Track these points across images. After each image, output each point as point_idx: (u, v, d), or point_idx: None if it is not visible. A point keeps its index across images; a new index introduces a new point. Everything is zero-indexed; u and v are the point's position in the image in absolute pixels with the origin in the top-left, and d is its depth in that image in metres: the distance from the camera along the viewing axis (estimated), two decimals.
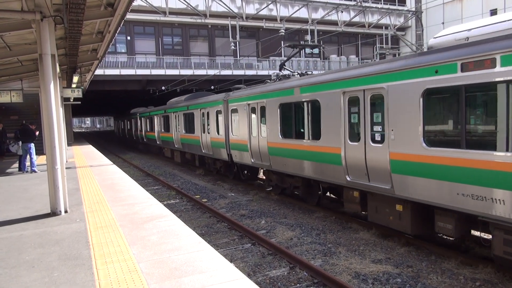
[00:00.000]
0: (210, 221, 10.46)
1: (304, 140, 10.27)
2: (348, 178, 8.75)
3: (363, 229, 9.04)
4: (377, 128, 7.91)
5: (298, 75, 11.87)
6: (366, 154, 8.12)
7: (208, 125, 17.00)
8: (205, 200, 13.02)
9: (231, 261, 7.29)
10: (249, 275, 6.69)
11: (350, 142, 8.65)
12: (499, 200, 5.70)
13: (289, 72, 13.07)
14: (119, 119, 49.10)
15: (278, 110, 11.28)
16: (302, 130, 10.55)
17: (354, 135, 8.60)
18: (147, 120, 29.88)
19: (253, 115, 12.86)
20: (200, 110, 17.89)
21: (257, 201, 12.59)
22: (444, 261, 7.06)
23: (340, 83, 8.84)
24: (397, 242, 8.09)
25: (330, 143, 9.24)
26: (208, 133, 16.95)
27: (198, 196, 13.60)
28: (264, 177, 14.99)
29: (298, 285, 6.35)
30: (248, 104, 13.03)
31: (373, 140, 8.00)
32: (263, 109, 12.18)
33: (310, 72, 12.59)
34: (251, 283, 4.01)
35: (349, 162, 8.65)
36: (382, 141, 7.76)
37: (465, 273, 6.52)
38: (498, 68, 5.63)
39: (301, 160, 10.43)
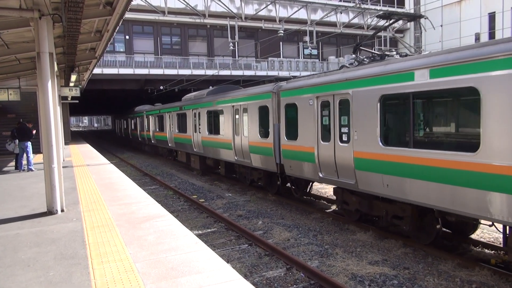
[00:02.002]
0: (207, 221, 10.45)
1: (428, 151, 6.85)
2: None
3: (360, 230, 9.05)
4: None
5: (399, 56, 8.80)
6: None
7: (244, 125, 13.56)
8: (202, 200, 13.00)
9: (227, 262, 7.28)
10: (245, 276, 6.68)
11: None
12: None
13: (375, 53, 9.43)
14: (120, 118, 44.73)
15: (378, 105, 7.88)
16: (421, 136, 7.28)
17: None
18: (156, 119, 26.18)
19: (326, 113, 9.62)
20: (233, 106, 14.24)
21: (254, 201, 12.58)
22: (441, 263, 7.07)
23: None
24: (394, 244, 8.10)
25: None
26: (245, 135, 13.46)
27: (195, 196, 13.58)
28: (320, 195, 12.78)
29: (294, 286, 6.34)
30: (317, 97, 9.70)
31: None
32: (345, 103, 8.87)
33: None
34: (247, 284, 4.00)
35: None
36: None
37: (462, 275, 6.53)
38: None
39: (424, 181, 6.94)
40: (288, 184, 12.52)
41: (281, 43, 34.52)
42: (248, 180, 14.46)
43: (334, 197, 10.41)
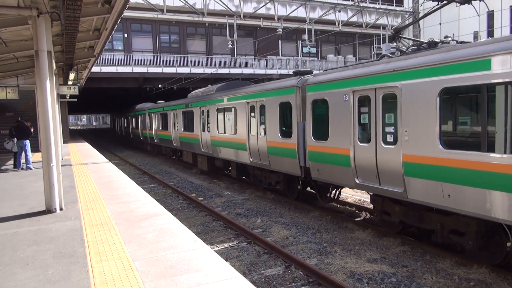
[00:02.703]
0: (206, 219, 10.46)
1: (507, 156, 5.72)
2: None
3: (359, 228, 9.07)
4: None
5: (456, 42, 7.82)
6: None
7: (262, 123, 12.27)
8: (201, 198, 13.00)
9: (226, 260, 7.29)
10: (244, 274, 6.69)
11: None
12: None
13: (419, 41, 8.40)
14: (120, 116, 42.84)
15: (437, 100, 6.63)
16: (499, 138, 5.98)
17: None
18: (159, 117, 24.97)
19: (365, 109, 8.31)
20: (248, 103, 12.96)
21: (253, 200, 12.60)
22: (439, 261, 7.09)
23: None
24: (392, 242, 8.12)
25: None
26: (262, 135, 12.22)
27: (194, 195, 13.58)
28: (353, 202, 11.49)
29: (293, 284, 6.36)
30: (354, 92, 8.43)
31: None
32: (390, 98, 7.65)
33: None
34: (246, 282, 4.01)
35: None
36: None
37: (460, 273, 6.55)
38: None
39: (504, 193, 5.76)
40: (309, 189, 11.83)
41: (279, 41, 34.50)
42: (265, 184, 13.14)
43: (360, 204, 9.81)
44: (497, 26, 30.77)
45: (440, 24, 33.39)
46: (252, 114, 12.87)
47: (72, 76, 16.25)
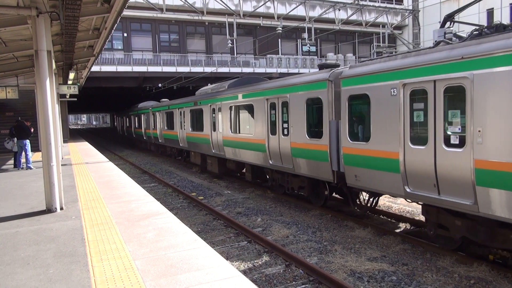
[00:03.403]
0: (206, 218, 10.46)
1: None
2: None
3: (359, 227, 9.07)
4: None
5: None
6: None
7: (284, 122, 11.08)
8: (201, 197, 13.01)
9: (227, 259, 7.30)
10: (245, 273, 6.70)
11: None
12: None
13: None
14: (122, 115, 41.10)
15: None
16: None
17: None
18: (165, 116, 23.72)
19: (419, 105, 7.12)
20: (267, 99, 11.76)
21: (253, 198, 12.60)
22: (439, 259, 7.10)
23: None
24: (392, 240, 8.13)
25: None
26: (285, 135, 11.00)
27: (194, 194, 13.59)
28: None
29: (293, 282, 6.36)
30: (405, 85, 7.23)
31: None
32: (456, 91, 6.44)
33: None
34: (247, 281, 4.01)
35: None
36: None
37: (460, 271, 6.56)
38: None
39: None
40: (334, 194, 10.87)
41: (279, 40, 34.51)
42: (288, 189, 11.84)
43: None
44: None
45: (440, 22, 33.36)
46: (273, 112, 11.65)
47: (71, 75, 16.25)
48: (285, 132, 10.98)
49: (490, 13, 31.27)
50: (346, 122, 8.71)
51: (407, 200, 7.79)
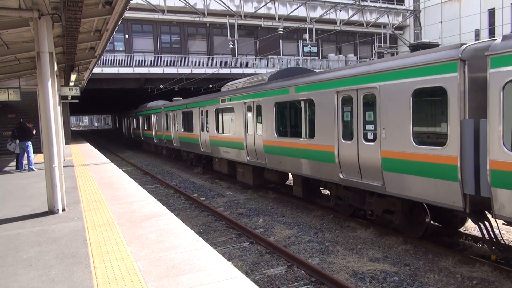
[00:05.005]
0: (208, 219, 10.47)
1: None
2: None
3: (361, 227, 9.06)
4: None
5: None
6: None
7: (368, 122, 8.30)
8: (203, 198, 13.02)
9: (229, 260, 7.29)
10: (246, 274, 6.70)
11: None
12: None
13: None
14: (128, 116, 37.53)
15: None
16: None
17: None
18: (181, 116, 20.62)
19: None
20: (338, 92, 8.99)
21: (255, 199, 12.60)
22: (441, 260, 7.09)
23: None
24: (394, 241, 8.11)
25: None
26: (368, 140, 8.27)
27: (196, 195, 13.59)
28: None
29: (295, 283, 6.36)
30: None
31: None
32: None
33: None
34: (249, 282, 4.01)
35: None
36: None
37: (462, 271, 6.54)
38: None
39: None
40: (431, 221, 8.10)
41: (280, 41, 34.51)
42: (371, 213, 8.78)
43: None
44: (498, 24, 30.70)
45: (441, 22, 33.33)
46: (347, 109, 8.90)
47: (73, 77, 16.26)
48: (370, 137, 8.26)
49: (491, 13, 31.21)
50: (500, 122, 5.78)
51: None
